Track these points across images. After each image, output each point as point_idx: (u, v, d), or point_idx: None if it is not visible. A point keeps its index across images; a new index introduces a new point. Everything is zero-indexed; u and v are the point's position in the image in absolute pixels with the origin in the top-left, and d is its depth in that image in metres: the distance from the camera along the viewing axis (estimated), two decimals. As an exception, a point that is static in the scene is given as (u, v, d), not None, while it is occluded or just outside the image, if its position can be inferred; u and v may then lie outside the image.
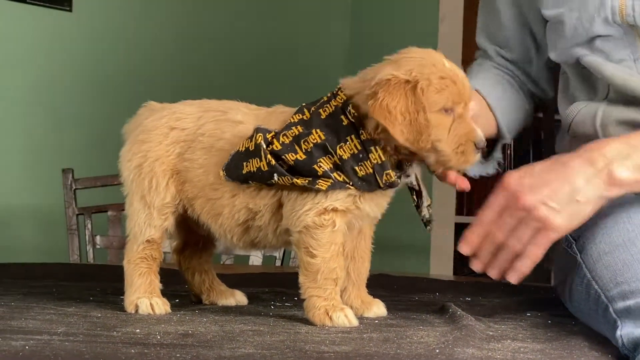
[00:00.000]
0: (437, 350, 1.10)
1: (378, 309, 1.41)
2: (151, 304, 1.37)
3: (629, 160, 1.28)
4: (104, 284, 1.71)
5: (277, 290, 1.68)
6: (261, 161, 1.31)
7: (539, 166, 1.31)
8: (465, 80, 1.32)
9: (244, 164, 1.32)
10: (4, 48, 2.99)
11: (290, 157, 1.30)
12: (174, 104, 1.46)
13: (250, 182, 1.34)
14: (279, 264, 2.59)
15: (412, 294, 1.72)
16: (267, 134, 1.32)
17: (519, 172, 1.30)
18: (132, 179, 1.42)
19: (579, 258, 1.36)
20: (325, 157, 1.29)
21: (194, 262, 1.52)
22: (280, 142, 1.31)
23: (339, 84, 1.34)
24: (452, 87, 1.29)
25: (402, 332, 1.24)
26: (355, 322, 1.30)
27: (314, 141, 1.30)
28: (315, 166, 1.29)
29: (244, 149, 1.33)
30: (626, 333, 1.16)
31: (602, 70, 1.44)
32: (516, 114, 1.62)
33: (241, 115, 1.39)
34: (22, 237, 3.05)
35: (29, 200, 3.04)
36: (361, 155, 1.29)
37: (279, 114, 1.38)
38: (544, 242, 1.28)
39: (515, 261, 1.30)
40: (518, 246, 1.29)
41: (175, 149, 1.41)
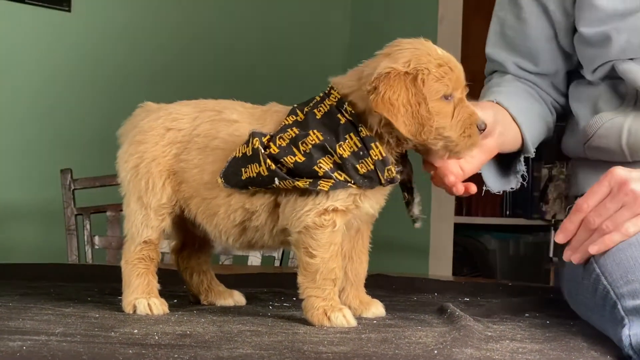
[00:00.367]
0: (435, 351, 1.10)
1: (376, 309, 1.41)
2: (149, 304, 1.37)
3: None
4: (102, 284, 1.71)
5: (276, 291, 1.68)
6: (260, 166, 1.30)
7: None
8: (460, 65, 1.33)
9: (243, 169, 1.32)
10: (3, 48, 2.99)
11: (289, 159, 1.29)
12: (170, 104, 1.46)
13: (250, 187, 1.33)
14: (277, 264, 2.59)
15: (410, 294, 1.72)
16: (262, 137, 1.32)
17: (627, 168, 1.31)
18: (129, 179, 1.42)
19: None
20: (325, 158, 1.29)
21: (192, 263, 1.52)
22: (277, 145, 1.30)
23: (330, 84, 1.34)
24: (450, 74, 1.30)
25: (400, 333, 1.24)
26: (353, 322, 1.30)
27: (313, 142, 1.29)
28: (315, 167, 1.29)
29: (241, 154, 1.32)
30: (634, 333, 1.15)
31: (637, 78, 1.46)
32: (539, 126, 1.62)
33: (236, 115, 1.39)
34: (21, 238, 3.04)
35: (27, 200, 3.03)
36: (362, 152, 1.29)
37: (273, 112, 1.38)
38: None
39: (602, 237, 1.30)
40: (611, 228, 1.29)
41: (171, 149, 1.40)
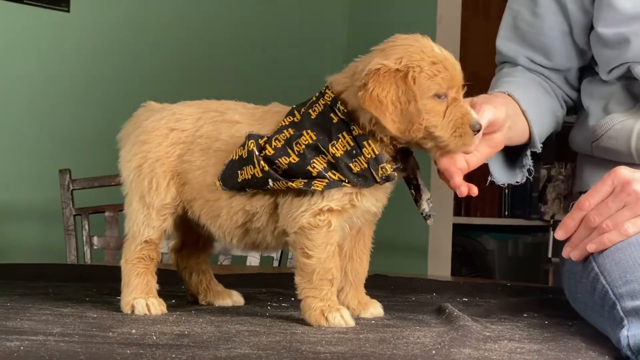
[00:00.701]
0: (433, 351, 1.10)
1: (375, 309, 1.41)
2: (147, 304, 1.37)
3: None
4: (100, 284, 1.70)
5: (274, 291, 1.67)
6: (255, 168, 1.31)
7: None
8: (457, 64, 1.31)
9: (239, 172, 1.32)
10: (1, 48, 2.98)
11: (283, 160, 1.29)
12: (173, 104, 1.46)
13: (247, 189, 1.33)
14: (276, 264, 2.59)
15: (409, 294, 1.71)
16: (259, 139, 1.32)
17: (631, 169, 1.31)
18: (131, 179, 1.42)
19: None
20: (318, 157, 1.29)
21: (191, 262, 1.52)
22: (273, 147, 1.30)
23: (326, 82, 1.33)
24: (444, 73, 1.29)
25: (398, 333, 1.24)
26: (351, 322, 1.30)
27: (306, 142, 1.29)
28: (309, 167, 1.29)
29: (237, 157, 1.33)
30: (633, 334, 1.15)
31: None
32: (549, 120, 1.62)
33: (238, 115, 1.39)
34: (20, 238, 3.04)
35: (26, 200, 3.03)
36: (354, 151, 1.29)
37: (274, 113, 1.37)
38: None
39: (601, 235, 1.30)
40: (611, 227, 1.29)
41: (175, 150, 1.40)
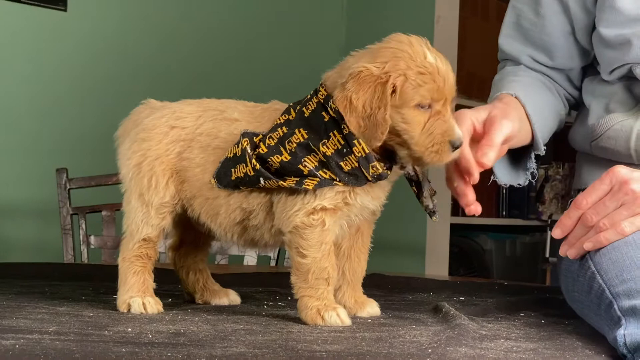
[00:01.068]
0: (429, 350, 1.10)
1: (371, 308, 1.41)
2: (143, 303, 1.37)
3: None
4: (96, 283, 1.70)
5: (271, 290, 1.67)
6: (247, 166, 1.31)
7: None
8: (448, 74, 1.28)
9: (232, 170, 1.33)
10: (-2, 47, 2.98)
11: (275, 159, 1.29)
12: (174, 102, 1.46)
13: (241, 187, 1.34)
14: (273, 264, 2.59)
15: (406, 293, 1.71)
16: (254, 137, 1.32)
17: (629, 168, 1.31)
18: (131, 177, 1.41)
19: None
20: (309, 156, 1.29)
21: (189, 261, 1.52)
22: (267, 145, 1.30)
23: (322, 79, 1.33)
24: (430, 84, 1.26)
25: (394, 332, 1.24)
26: (347, 321, 1.30)
27: (297, 141, 1.29)
28: (300, 166, 1.28)
29: (232, 155, 1.33)
30: (629, 333, 1.15)
31: None
32: (552, 121, 1.61)
33: (237, 113, 1.39)
34: (17, 237, 3.04)
35: (23, 199, 3.03)
36: (345, 150, 1.28)
37: (272, 111, 1.37)
38: None
39: (597, 234, 1.30)
40: (607, 226, 1.29)
41: (175, 148, 1.40)
